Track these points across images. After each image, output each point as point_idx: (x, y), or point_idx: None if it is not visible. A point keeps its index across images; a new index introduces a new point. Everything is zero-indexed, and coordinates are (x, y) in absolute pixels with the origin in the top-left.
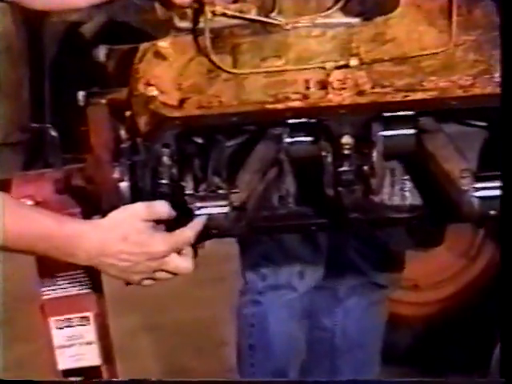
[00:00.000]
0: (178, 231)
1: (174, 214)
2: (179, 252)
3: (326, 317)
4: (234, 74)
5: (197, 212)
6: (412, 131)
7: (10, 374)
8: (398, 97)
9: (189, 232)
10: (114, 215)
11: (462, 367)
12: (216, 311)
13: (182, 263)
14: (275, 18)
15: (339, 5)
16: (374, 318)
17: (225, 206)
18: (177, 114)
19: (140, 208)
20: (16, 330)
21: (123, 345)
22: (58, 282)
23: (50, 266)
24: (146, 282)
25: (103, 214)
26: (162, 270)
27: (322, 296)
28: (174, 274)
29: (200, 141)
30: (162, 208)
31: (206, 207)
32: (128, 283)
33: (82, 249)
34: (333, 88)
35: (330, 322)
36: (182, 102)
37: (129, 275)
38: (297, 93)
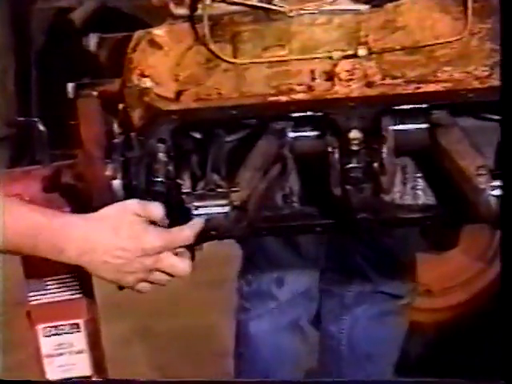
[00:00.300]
0: (175, 229)
1: (166, 220)
2: (176, 253)
3: (333, 324)
4: (234, 64)
5: (194, 212)
6: (425, 125)
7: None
8: (410, 88)
9: (188, 231)
10: (105, 209)
11: (476, 377)
12: (216, 317)
13: (179, 263)
14: (278, 5)
15: None
16: (386, 329)
17: (224, 206)
18: (173, 106)
19: (133, 203)
20: (15, 333)
21: (116, 354)
22: (46, 286)
23: (37, 268)
24: (142, 285)
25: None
26: (158, 270)
27: (329, 302)
28: (171, 275)
29: (198, 136)
30: (156, 209)
31: (205, 207)
32: (121, 287)
33: (71, 244)
34: (340, 79)
35: (336, 330)
36: (178, 94)
37: (123, 276)
38: (301, 84)
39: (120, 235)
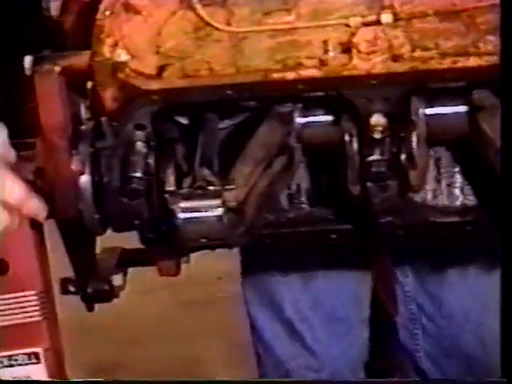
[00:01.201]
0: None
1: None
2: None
3: None
4: (228, 32)
5: (180, 215)
6: (463, 108)
7: None
8: (446, 63)
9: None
10: None
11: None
12: (204, 344)
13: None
14: None
15: None
16: None
17: (217, 207)
18: (154, 85)
19: None
20: None
21: None
22: None
23: None
24: None
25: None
26: None
27: None
28: None
29: (184, 121)
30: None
31: (193, 209)
32: (91, 308)
33: None
34: (359, 51)
35: None
36: (160, 69)
37: None
38: (312, 58)
39: None
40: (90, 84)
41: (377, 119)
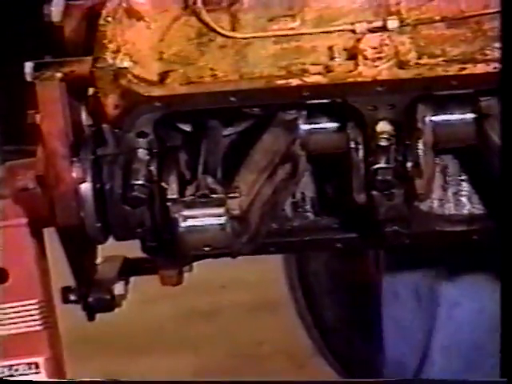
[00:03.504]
0: None
1: None
2: None
3: None
4: (232, 38)
5: (183, 224)
6: (470, 116)
7: None
8: (452, 70)
9: None
10: None
11: None
12: (208, 354)
13: None
14: None
15: None
16: None
17: (220, 216)
18: (156, 92)
19: None
20: None
21: None
22: None
23: None
24: None
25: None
26: None
27: None
28: None
29: (187, 128)
30: None
31: (196, 217)
32: (92, 318)
33: None
34: (365, 58)
35: None
36: (163, 76)
37: None
38: (317, 64)
39: None
40: (91, 90)
41: (383, 126)
